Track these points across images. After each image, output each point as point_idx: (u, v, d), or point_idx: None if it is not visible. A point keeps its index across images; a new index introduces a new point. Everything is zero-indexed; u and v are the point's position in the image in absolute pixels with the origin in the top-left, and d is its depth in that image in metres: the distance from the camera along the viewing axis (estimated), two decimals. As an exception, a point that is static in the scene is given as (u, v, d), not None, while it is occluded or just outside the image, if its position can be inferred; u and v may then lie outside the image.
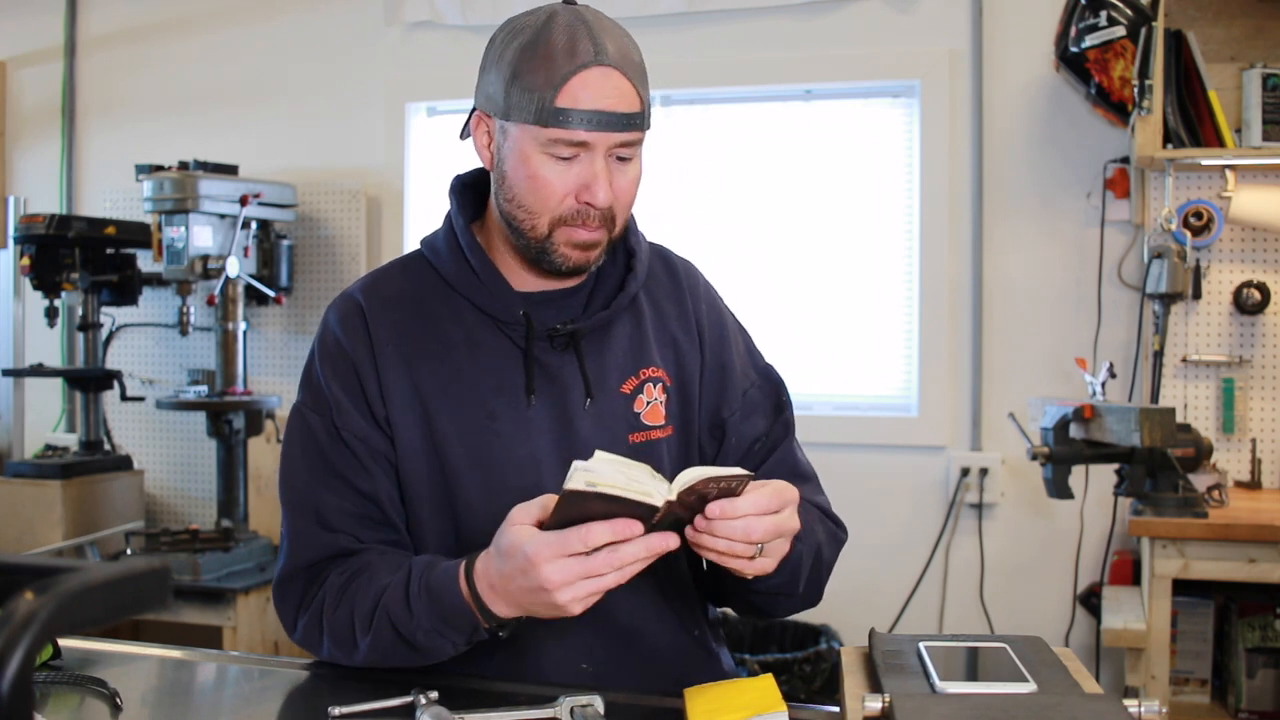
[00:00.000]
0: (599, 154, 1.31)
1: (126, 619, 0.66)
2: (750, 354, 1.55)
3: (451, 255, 1.43)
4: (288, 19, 3.73)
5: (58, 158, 3.95)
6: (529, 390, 1.39)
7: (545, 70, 1.28)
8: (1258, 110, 2.74)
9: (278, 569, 1.42)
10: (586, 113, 1.28)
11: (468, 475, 1.38)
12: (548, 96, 1.28)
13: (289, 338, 3.70)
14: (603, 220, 1.34)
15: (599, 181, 1.31)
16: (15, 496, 3.29)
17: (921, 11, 3.22)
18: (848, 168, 3.35)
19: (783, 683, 2.08)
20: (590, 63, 1.28)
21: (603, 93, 1.28)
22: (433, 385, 1.39)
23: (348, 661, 1.35)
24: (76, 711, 1.27)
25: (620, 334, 1.44)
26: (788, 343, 3.31)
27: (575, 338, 1.40)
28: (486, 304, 1.40)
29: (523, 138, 1.32)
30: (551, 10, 1.33)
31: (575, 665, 1.40)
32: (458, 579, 1.23)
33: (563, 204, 1.32)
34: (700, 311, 1.51)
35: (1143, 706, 1.00)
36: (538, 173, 1.31)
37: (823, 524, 1.44)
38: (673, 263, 1.54)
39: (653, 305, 1.48)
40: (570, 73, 1.28)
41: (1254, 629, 2.64)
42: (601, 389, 1.41)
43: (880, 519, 3.20)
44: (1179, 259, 2.77)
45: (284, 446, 1.44)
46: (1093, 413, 2.46)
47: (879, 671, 1.10)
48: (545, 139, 1.30)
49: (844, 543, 1.49)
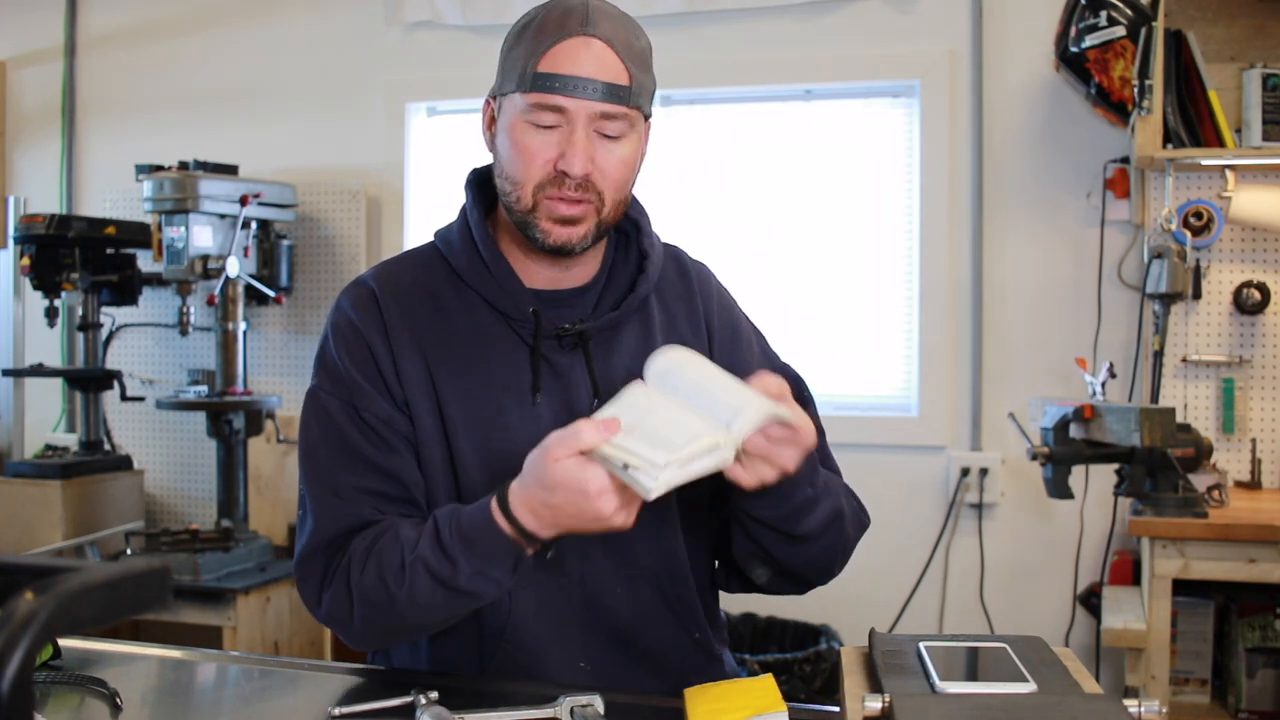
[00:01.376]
0: (579, 123, 1.30)
1: (126, 619, 0.66)
2: (765, 354, 1.55)
3: (465, 248, 1.43)
4: (288, 19, 3.73)
5: (58, 158, 3.95)
6: (535, 388, 1.39)
7: (534, 40, 1.31)
8: (1258, 110, 2.74)
9: (298, 548, 1.38)
10: (565, 77, 1.29)
11: (474, 466, 1.38)
12: (531, 63, 1.30)
13: (289, 338, 3.70)
14: (584, 194, 1.33)
15: (575, 149, 1.30)
16: (15, 496, 3.29)
17: (921, 11, 3.22)
18: (848, 168, 3.35)
19: (783, 683, 2.07)
20: (575, 32, 1.30)
21: (583, 59, 1.29)
22: (444, 374, 1.39)
23: (384, 622, 1.31)
24: (76, 711, 1.27)
25: (629, 336, 1.44)
26: (788, 343, 3.30)
27: (583, 338, 1.40)
28: (497, 299, 1.40)
29: (510, 109, 1.34)
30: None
31: (574, 664, 1.40)
32: (494, 518, 1.22)
33: (541, 170, 1.32)
34: (711, 312, 1.51)
35: (1143, 706, 1.00)
36: (520, 140, 1.32)
37: (850, 498, 1.45)
38: (685, 265, 1.54)
39: (663, 308, 1.49)
40: (555, 40, 1.29)
41: (1254, 629, 2.64)
42: (609, 390, 1.40)
43: (880, 519, 3.15)
44: (1179, 259, 2.77)
45: (302, 430, 1.42)
46: (1093, 413, 2.46)
47: (879, 671, 1.10)
48: (526, 105, 1.31)
49: (866, 526, 1.49)
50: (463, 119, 3.63)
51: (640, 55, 1.34)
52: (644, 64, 1.35)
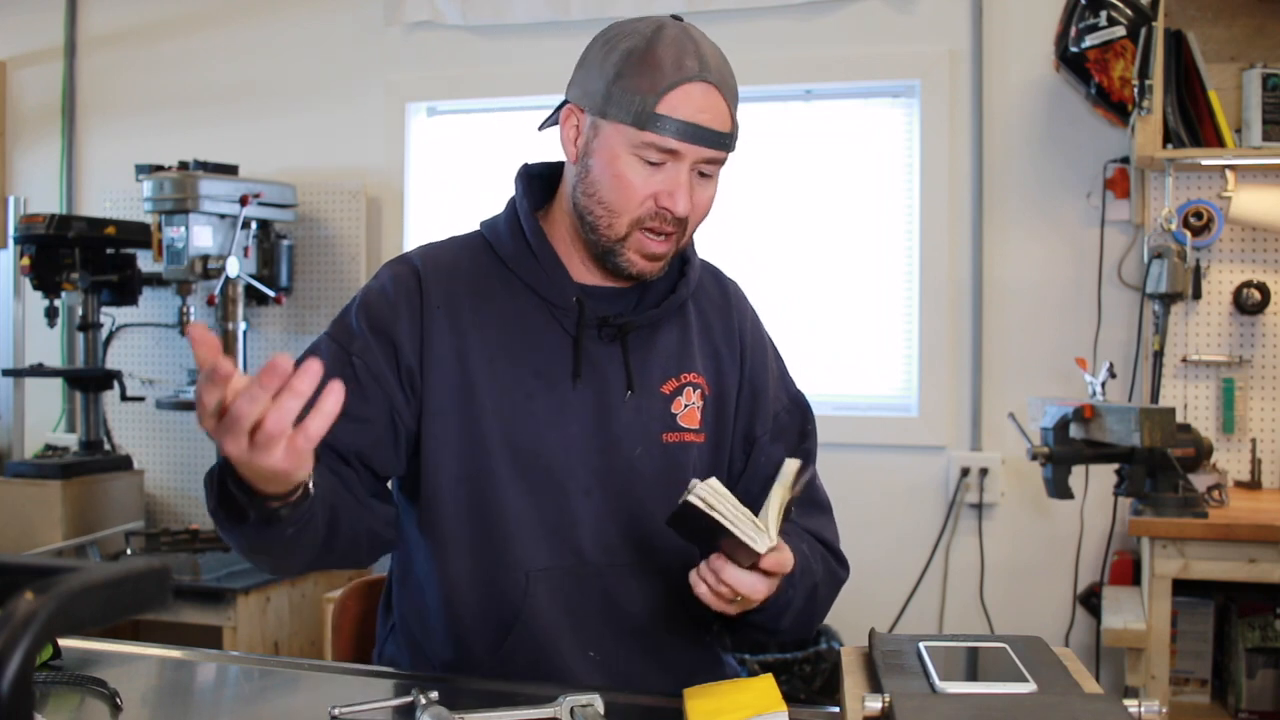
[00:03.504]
0: (685, 165, 1.35)
1: (126, 619, 0.66)
2: (783, 379, 1.59)
3: (512, 238, 1.46)
4: (288, 19, 3.73)
5: (58, 158, 3.95)
6: (575, 374, 1.41)
7: (650, 76, 1.33)
8: (1258, 110, 2.74)
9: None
10: (683, 123, 1.33)
11: (499, 450, 1.40)
12: (649, 101, 1.33)
13: (289, 338, 3.70)
14: (676, 228, 1.38)
15: (681, 190, 1.35)
16: (15, 496, 3.28)
17: (921, 11, 3.22)
18: (848, 168, 3.35)
19: (783, 683, 2.07)
20: (695, 77, 1.34)
21: (701, 107, 1.34)
22: (478, 357, 1.41)
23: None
24: (76, 711, 1.27)
25: (667, 336, 1.48)
26: (788, 343, 3.29)
27: (623, 331, 1.43)
28: (542, 286, 1.43)
29: (615, 137, 1.35)
30: (661, 22, 1.39)
31: (583, 652, 1.42)
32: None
33: (642, 206, 1.36)
34: (745, 330, 1.56)
35: (1143, 706, 1.00)
36: (623, 173, 1.35)
37: (824, 562, 1.47)
38: (724, 282, 1.60)
39: (700, 316, 1.53)
40: (675, 83, 1.33)
41: (1254, 629, 2.64)
42: (643, 385, 1.44)
43: (880, 519, 3.20)
44: (1179, 259, 2.77)
45: None
46: (1093, 413, 2.46)
47: (879, 671, 1.10)
48: (639, 141, 1.34)
49: (843, 582, 1.51)
50: (463, 119, 3.63)
51: (736, 95, 1.40)
52: (738, 103, 1.40)
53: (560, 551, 1.41)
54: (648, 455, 1.43)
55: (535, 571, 1.40)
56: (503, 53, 3.52)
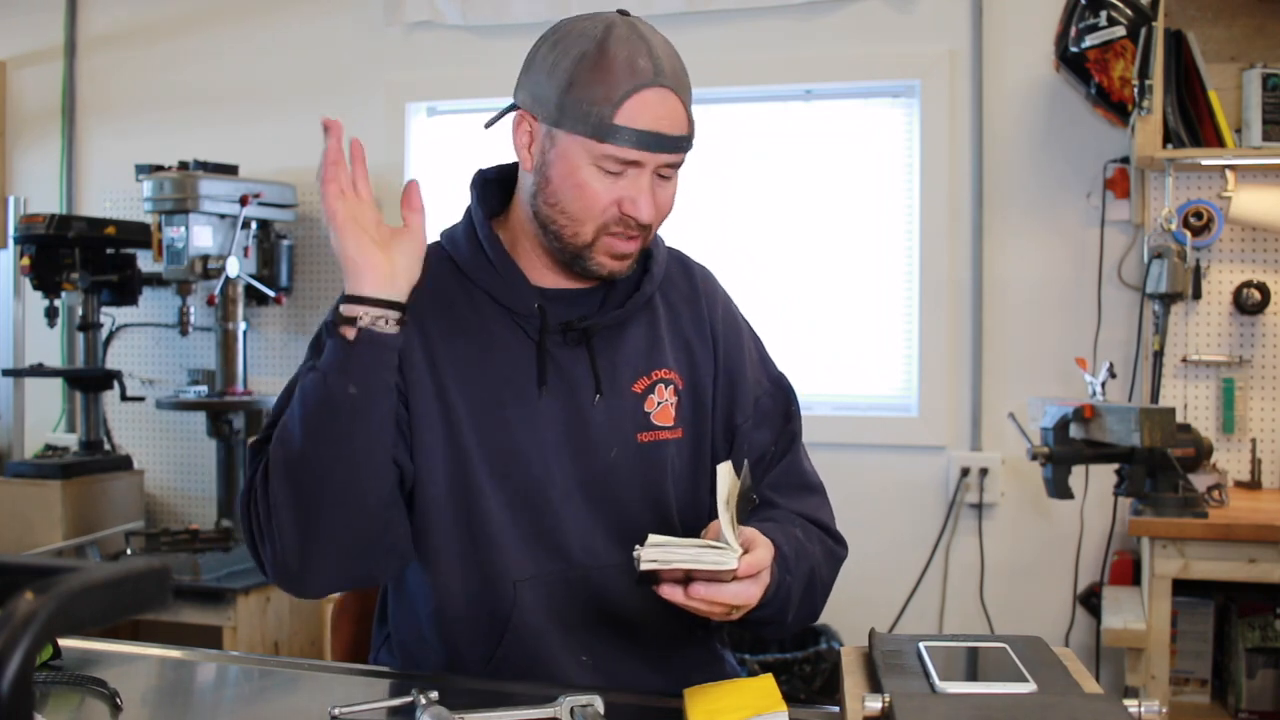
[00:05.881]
0: (647, 171, 1.34)
1: (126, 619, 0.66)
2: (763, 362, 1.56)
3: (470, 247, 1.45)
4: (288, 19, 3.73)
5: (58, 158, 3.95)
6: (540, 382, 1.40)
7: (604, 85, 1.31)
8: (1258, 110, 2.74)
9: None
10: (642, 133, 1.31)
11: (478, 460, 1.39)
12: (606, 112, 1.31)
13: (289, 338, 3.70)
14: (642, 230, 1.37)
15: (644, 196, 1.34)
16: (15, 496, 3.29)
17: (921, 11, 3.22)
18: (848, 168, 3.35)
19: (783, 683, 2.07)
20: (650, 83, 1.32)
21: (659, 115, 1.32)
22: (449, 367, 1.40)
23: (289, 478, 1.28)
24: (76, 711, 1.27)
25: (634, 334, 1.46)
26: (788, 343, 3.31)
27: (588, 334, 1.42)
28: (502, 295, 1.42)
29: (573, 147, 1.33)
30: (609, 21, 1.35)
31: (576, 657, 1.41)
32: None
33: (605, 213, 1.35)
34: (716, 317, 1.53)
35: (1143, 706, 1.00)
36: (585, 183, 1.34)
37: (821, 543, 1.46)
38: (690, 268, 1.57)
39: (668, 308, 1.50)
40: (630, 91, 1.31)
41: (1254, 629, 2.64)
42: (612, 386, 1.43)
43: (880, 519, 3.20)
44: (1179, 259, 2.77)
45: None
46: (1093, 413, 2.46)
47: (879, 671, 1.10)
48: (599, 153, 1.32)
49: (843, 559, 1.50)
50: (463, 119, 3.63)
51: (689, 90, 1.38)
52: (691, 97, 1.39)
53: (546, 558, 1.39)
54: (624, 457, 1.42)
55: (523, 580, 1.39)
56: (503, 53, 3.52)
